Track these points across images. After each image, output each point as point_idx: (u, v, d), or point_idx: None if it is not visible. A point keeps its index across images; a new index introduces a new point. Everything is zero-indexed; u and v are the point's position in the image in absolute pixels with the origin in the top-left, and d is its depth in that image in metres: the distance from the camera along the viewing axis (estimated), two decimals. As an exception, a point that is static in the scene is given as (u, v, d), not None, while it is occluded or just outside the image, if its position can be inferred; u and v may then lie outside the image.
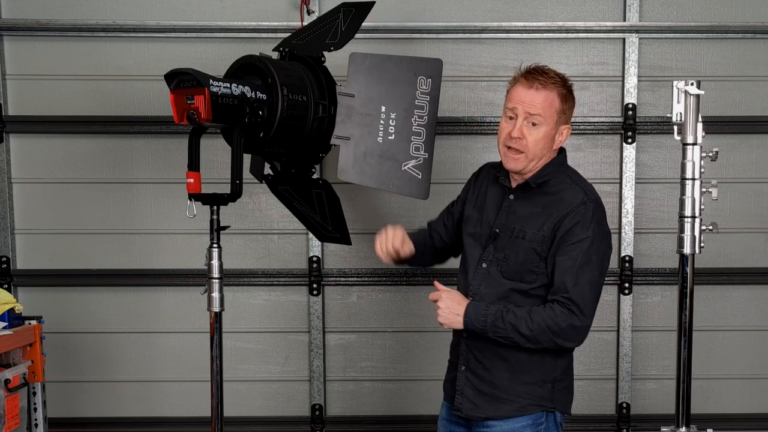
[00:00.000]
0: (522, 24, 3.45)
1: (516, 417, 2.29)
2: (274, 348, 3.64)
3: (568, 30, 3.47)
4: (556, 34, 3.48)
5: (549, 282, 2.24)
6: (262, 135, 2.45)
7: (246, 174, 2.54)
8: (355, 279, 3.60)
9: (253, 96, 2.39)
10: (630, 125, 3.48)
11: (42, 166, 3.55)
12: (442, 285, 2.30)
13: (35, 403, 3.09)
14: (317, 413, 3.64)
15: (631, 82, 3.47)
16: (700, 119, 2.37)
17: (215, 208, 2.46)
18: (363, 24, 2.73)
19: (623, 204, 3.51)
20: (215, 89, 2.26)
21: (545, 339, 2.18)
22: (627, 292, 3.55)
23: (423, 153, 2.75)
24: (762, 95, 3.51)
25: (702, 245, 2.43)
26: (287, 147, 2.62)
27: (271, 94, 2.45)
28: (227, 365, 3.13)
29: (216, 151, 3.31)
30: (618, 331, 3.58)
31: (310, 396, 3.66)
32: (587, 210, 2.22)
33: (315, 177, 2.78)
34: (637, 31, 3.45)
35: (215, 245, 2.47)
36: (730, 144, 3.50)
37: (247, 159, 2.79)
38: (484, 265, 2.32)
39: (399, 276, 3.58)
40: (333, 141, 2.71)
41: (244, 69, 2.51)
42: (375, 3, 2.74)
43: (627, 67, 3.47)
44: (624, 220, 3.51)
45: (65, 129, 3.53)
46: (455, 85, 3.46)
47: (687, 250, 2.43)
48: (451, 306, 2.25)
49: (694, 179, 2.39)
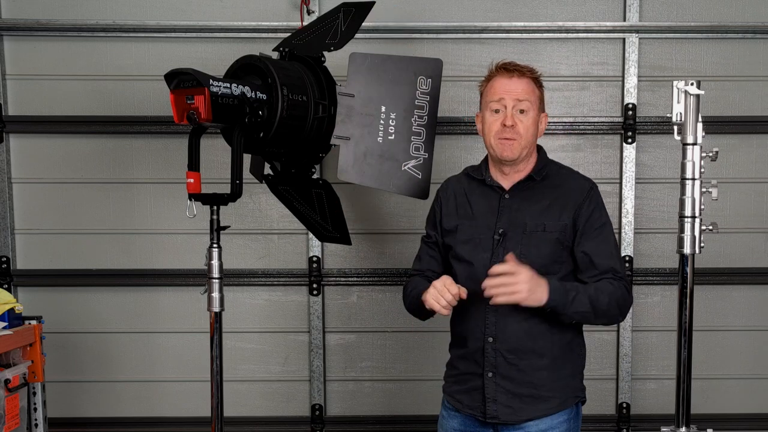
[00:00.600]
0: (522, 24, 3.45)
1: (556, 413, 2.30)
2: (274, 348, 3.64)
3: (568, 30, 3.47)
4: (556, 34, 3.48)
5: (572, 269, 2.29)
6: (262, 135, 2.45)
7: (246, 174, 2.54)
8: (355, 279, 3.60)
9: (253, 96, 2.39)
10: (630, 125, 3.48)
11: (42, 166, 3.55)
12: (504, 265, 2.12)
13: (35, 403, 3.09)
14: (317, 413, 3.64)
15: (631, 82, 3.47)
16: (700, 119, 2.37)
17: (215, 208, 2.45)
18: (363, 24, 2.73)
19: (623, 204, 3.51)
20: (215, 89, 2.26)
21: (614, 313, 2.26)
22: (627, 292, 3.55)
23: (423, 153, 2.75)
24: (762, 95, 3.51)
25: (702, 245, 2.43)
26: (287, 147, 2.62)
27: (271, 94, 2.44)
28: (227, 365, 3.13)
29: (216, 151, 3.31)
30: (618, 331, 3.58)
31: (310, 396, 3.66)
32: (597, 194, 2.34)
33: (315, 177, 2.78)
34: (637, 31, 3.45)
35: (215, 245, 2.47)
36: (730, 144, 3.50)
37: (247, 159, 2.79)
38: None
39: (399, 276, 3.58)
40: (333, 141, 2.71)
41: (244, 69, 2.51)
42: (375, 3, 2.74)
43: (627, 67, 3.47)
44: (624, 220, 3.52)
45: (65, 129, 3.53)
46: (455, 85, 3.46)
47: (687, 250, 2.42)
48: (534, 279, 2.12)
49: (694, 179, 2.38)
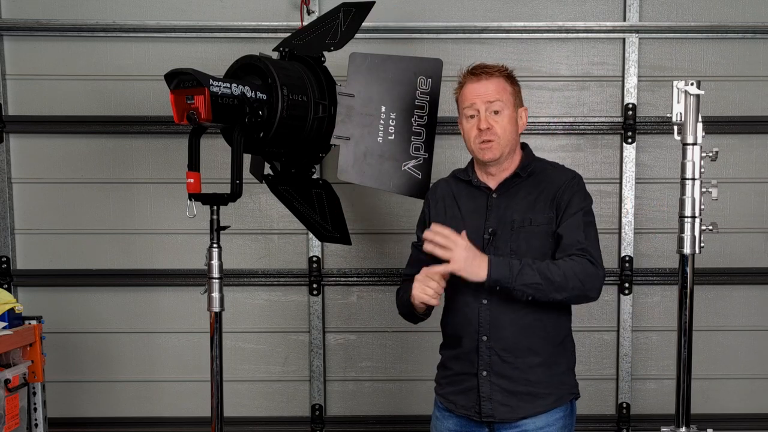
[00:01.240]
0: (522, 24, 3.45)
1: (552, 409, 2.30)
2: (274, 348, 3.64)
3: (568, 30, 3.47)
4: (556, 34, 3.48)
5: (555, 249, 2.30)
6: (262, 135, 2.45)
7: (246, 174, 2.54)
8: (355, 279, 3.60)
9: (253, 96, 2.39)
10: (630, 125, 3.48)
11: (42, 166, 3.55)
12: (448, 230, 2.14)
13: (35, 403, 3.09)
14: (317, 413, 3.64)
15: (631, 82, 3.47)
16: (700, 119, 2.37)
17: (215, 208, 2.45)
18: (363, 24, 2.73)
19: (623, 204, 3.51)
20: (215, 89, 2.26)
21: (574, 285, 2.18)
22: (627, 292, 3.55)
23: (423, 153, 2.75)
24: (762, 95, 3.51)
25: (702, 245, 2.43)
26: (287, 147, 2.62)
27: (271, 94, 2.44)
28: (227, 365, 3.13)
29: (216, 151, 3.31)
30: (618, 331, 3.58)
31: (310, 396, 3.66)
32: (579, 183, 2.35)
33: (315, 177, 2.78)
34: (637, 31, 3.45)
35: (215, 245, 2.47)
36: (730, 144, 3.50)
37: (247, 159, 2.79)
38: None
39: (399, 276, 3.56)
40: (333, 141, 2.71)
41: (244, 69, 2.51)
42: (375, 3, 2.74)
43: (627, 67, 3.47)
44: (624, 220, 3.52)
45: (65, 129, 3.53)
46: (455, 85, 3.45)
47: (687, 250, 2.42)
48: (470, 254, 2.13)
49: (694, 179, 2.38)
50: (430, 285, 2.17)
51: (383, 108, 2.72)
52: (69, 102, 3.52)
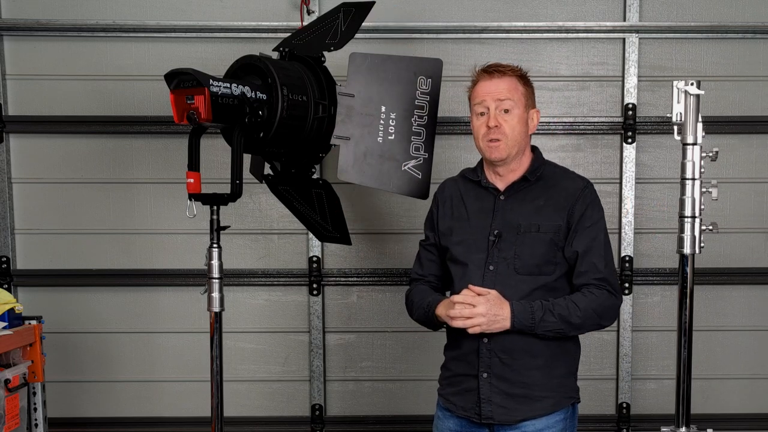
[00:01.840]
0: (522, 24, 3.45)
1: (551, 413, 2.29)
2: (274, 348, 3.64)
3: (568, 30, 3.47)
4: (556, 34, 3.48)
5: (567, 271, 2.29)
6: (262, 135, 2.45)
7: (246, 174, 2.54)
8: (355, 279, 3.60)
9: (253, 96, 2.39)
10: (630, 125, 3.48)
11: (42, 166, 3.55)
12: (478, 287, 2.22)
13: (35, 403, 3.09)
14: (317, 413, 3.64)
15: (631, 82, 3.47)
16: (700, 119, 2.37)
17: (215, 208, 2.45)
18: (363, 24, 2.73)
19: (623, 204, 3.51)
20: (215, 89, 2.26)
21: (592, 323, 2.26)
22: (627, 292, 3.55)
23: (423, 153, 2.75)
24: (762, 95, 3.51)
25: (702, 245, 2.43)
26: (287, 147, 2.62)
27: (271, 94, 2.44)
28: (227, 365, 3.13)
29: (216, 151, 3.31)
30: (618, 331, 3.58)
31: (310, 396, 3.66)
32: (591, 193, 2.34)
33: (315, 177, 2.78)
34: (637, 31, 3.46)
35: (215, 245, 2.47)
36: (730, 144, 3.50)
37: (247, 159, 2.79)
38: (491, 268, 2.30)
39: (399, 276, 3.58)
40: (333, 141, 2.71)
41: (244, 69, 2.51)
42: (375, 3, 2.74)
43: (627, 67, 3.47)
44: (624, 220, 3.52)
45: (65, 129, 3.53)
46: (455, 85, 3.45)
47: (687, 250, 2.42)
48: (494, 309, 2.19)
49: (694, 179, 2.39)
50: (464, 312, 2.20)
51: (383, 108, 2.72)
52: (69, 102, 3.52)
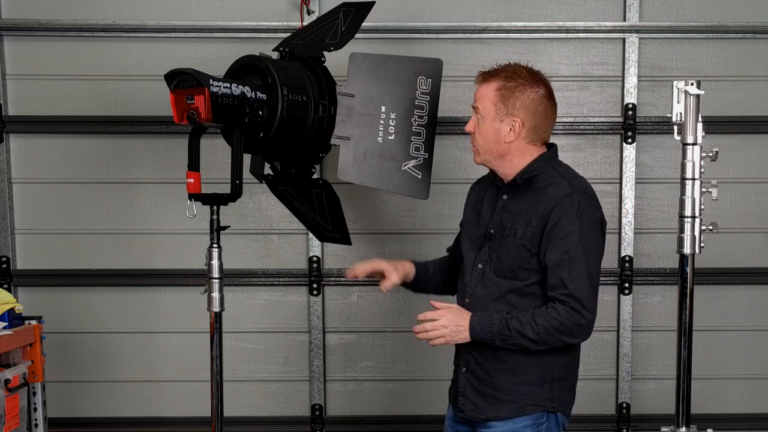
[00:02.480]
0: (522, 24, 3.45)
1: (516, 417, 2.28)
2: (274, 348, 3.64)
3: (568, 30, 3.47)
4: (556, 34, 3.48)
5: (543, 278, 2.24)
6: (262, 135, 2.45)
7: (246, 174, 2.54)
8: (355, 279, 3.59)
9: (253, 96, 2.39)
10: (630, 125, 3.48)
11: (42, 166, 3.55)
12: (439, 302, 2.30)
13: (35, 403, 3.09)
14: (317, 413, 3.64)
15: (631, 82, 3.47)
16: (700, 119, 2.37)
17: (215, 208, 2.46)
18: (363, 24, 2.73)
19: (623, 204, 3.51)
20: (215, 89, 2.26)
21: (553, 339, 2.19)
22: (627, 292, 3.55)
23: (423, 153, 2.75)
24: (762, 95, 3.51)
25: (702, 245, 2.43)
26: (287, 147, 2.62)
27: (271, 94, 2.45)
28: (227, 365, 3.13)
29: (216, 151, 3.31)
30: (618, 331, 3.58)
31: (310, 396, 3.66)
32: (572, 201, 2.20)
33: (315, 177, 2.78)
34: (637, 31, 3.45)
35: (215, 245, 2.48)
36: (730, 144, 3.50)
37: (247, 159, 2.79)
38: (480, 266, 2.33)
39: (399, 276, 3.58)
40: (333, 141, 2.71)
41: (244, 69, 2.51)
42: (375, 3, 2.74)
43: (627, 67, 3.47)
44: (624, 220, 3.51)
45: (65, 129, 3.53)
46: (455, 85, 3.46)
47: (687, 250, 2.43)
48: (456, 321, 2.24)
49: (694, 179, 2.39)
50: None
51: (383, 108, 2.72)
52: (69, 102, 3.52)
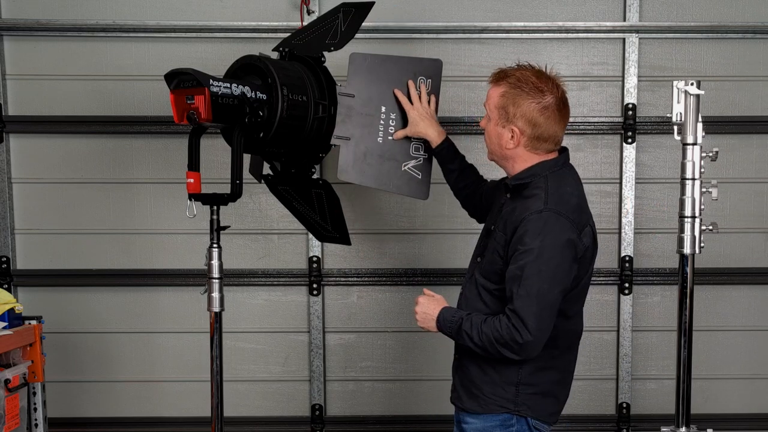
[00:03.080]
0: (522, 24, 3.45)
1: (483, 414, 2.30)
2: (274, 348, 3.64)
3: (568, 30, 3.47)
4: (556, 34, 3.48)
5: None
6: (262, 135, 2.45)
7: (246, 174, 2.54)
8: (355, 279, 3.60)
9: (253, 96, 2.39)
10: (630, 125, 3.48)
11: (42, 166, 3.55)
12: (429, 291, 2.39)
13: (35, 403, 3.09)
14: (317, 413, 3.64)
15: (631, 82, 3.47)
16: (700, 119, 2.38)
17: (215, 208, 2.46)
18: (363, 24, 2.73)
19: (623, 204, 3.51)
20: (215, 89, 2.26)
21: (493, 350, 2.18)
22: (627, 292, 3.55)
23: (423, 153, 2.75)
24: (762, 95, 3.51)
25: (702, 245, 2.43)
26: (287, 147, 2.62)
27: (271, 94, 2.44)
28: (227, 365, 3.13)
29: (216, 151, 3.31)
30: (618, 331, 3.58)
31: (310, 396, 3.66)
32: (540, 219, 2.15)
33: (315, 177, 2.78)
34: (637, 31, 3.45)
35: (215, 245, 2.47)
36: (730, 144, 3.50)
37: (247, 159, 2.79)
38: (478, 260, 2.38)
39: (399, 276, 3.59)
40: (333, 141, 2.71)
41: (244, 69, 2.51)
42: (375, 3, 2.74)
43: (627, 67, 3.47)
44: (624, 220, 3.52)
45: (65, 129, 3.53)
46: (455, 85, 3.46)
47: (687, 250, 2.43)
48: (428, 309, 2.33)
49: (694, 179, 2.39)
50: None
51: (383, 108, 2.72)
52: (69, 102, 3.52)
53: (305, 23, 3.09)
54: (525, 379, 2.27)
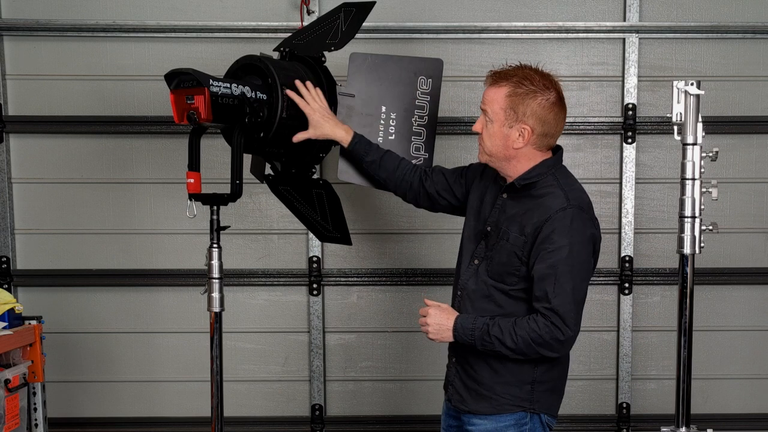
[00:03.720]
0: (522, 24, 3.45)
1: (496, 415, 2.30)
2: (274, 348, 3.64)
3: (568, 30, 3.47)
4: (556, 34, 3.48)
5: (531, 285, 2.23)
6: (262, 135, 2.45)
7: (246, 174, 2.54)
8: (355, 279, 3.60)
9: (254, 96, 2.39)
10: (630, 125, 3.48)
11: (42, 166, 3.55)
12: (431, 300, 2.36)
13: (35, 403, 3.09)
14: (317, 413, 3.64)
15: (631, 82, 3.47)
16: (700, 119, 2.38)
17: (215, 208, 2.46)
18: (363, 24, 2.73)
19: (623, 204, 3.51)
20: (215, 89, 2.26)
21: (531, 351, 2.19)
22: (627, 292, 3.55)
23: (423, 153, 2.75)
24: (762, 95, 3.51)
25: (702, 245, 2.43)
26: (287, 147, 2.62)
27: (272, 94, 2.45)
28: (227, 365, 3.13)
29: (216, 151, 3.31)
30: (618, 331, 3.59)
31: (310, 396, 3.66)
32: (566, 216, 2.19)
33: (315, 177, 2.78)
34: (637, 31, 3.46)
35: (215, 245, 2.47)
36: (730, 144, 3.50)
37: (247, 159, 2.79)
38: (476, 262, 2.36)
39: (399, 276, 3.59)
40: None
41: (244, 69, 2.51)
42: (375, 3, 2.74)
43: (627, 67, 3.47)
44: (624, 220, 3.52)
45: (65, 129, 3.53)
46: (455, 85, 3.46)
47: (687, 250, 2.43)
48: (440, 320, 2.29)
49: (694, 179, 2.39)
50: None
51: (383, 108, 2.72)
52: (69, 102, 3.52)
53: (305, 23, 3.10)
54: (540, 377, 2.30)
